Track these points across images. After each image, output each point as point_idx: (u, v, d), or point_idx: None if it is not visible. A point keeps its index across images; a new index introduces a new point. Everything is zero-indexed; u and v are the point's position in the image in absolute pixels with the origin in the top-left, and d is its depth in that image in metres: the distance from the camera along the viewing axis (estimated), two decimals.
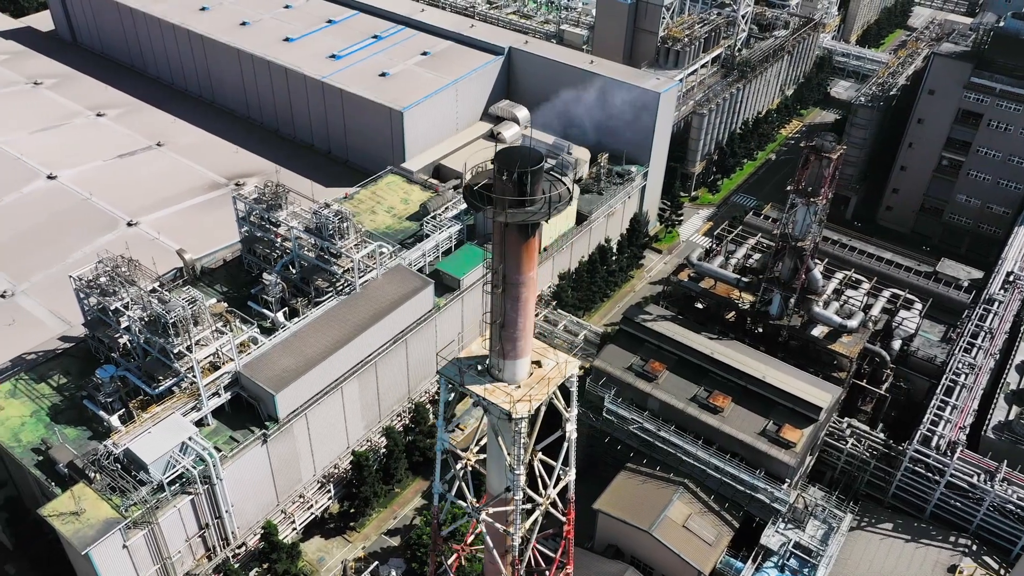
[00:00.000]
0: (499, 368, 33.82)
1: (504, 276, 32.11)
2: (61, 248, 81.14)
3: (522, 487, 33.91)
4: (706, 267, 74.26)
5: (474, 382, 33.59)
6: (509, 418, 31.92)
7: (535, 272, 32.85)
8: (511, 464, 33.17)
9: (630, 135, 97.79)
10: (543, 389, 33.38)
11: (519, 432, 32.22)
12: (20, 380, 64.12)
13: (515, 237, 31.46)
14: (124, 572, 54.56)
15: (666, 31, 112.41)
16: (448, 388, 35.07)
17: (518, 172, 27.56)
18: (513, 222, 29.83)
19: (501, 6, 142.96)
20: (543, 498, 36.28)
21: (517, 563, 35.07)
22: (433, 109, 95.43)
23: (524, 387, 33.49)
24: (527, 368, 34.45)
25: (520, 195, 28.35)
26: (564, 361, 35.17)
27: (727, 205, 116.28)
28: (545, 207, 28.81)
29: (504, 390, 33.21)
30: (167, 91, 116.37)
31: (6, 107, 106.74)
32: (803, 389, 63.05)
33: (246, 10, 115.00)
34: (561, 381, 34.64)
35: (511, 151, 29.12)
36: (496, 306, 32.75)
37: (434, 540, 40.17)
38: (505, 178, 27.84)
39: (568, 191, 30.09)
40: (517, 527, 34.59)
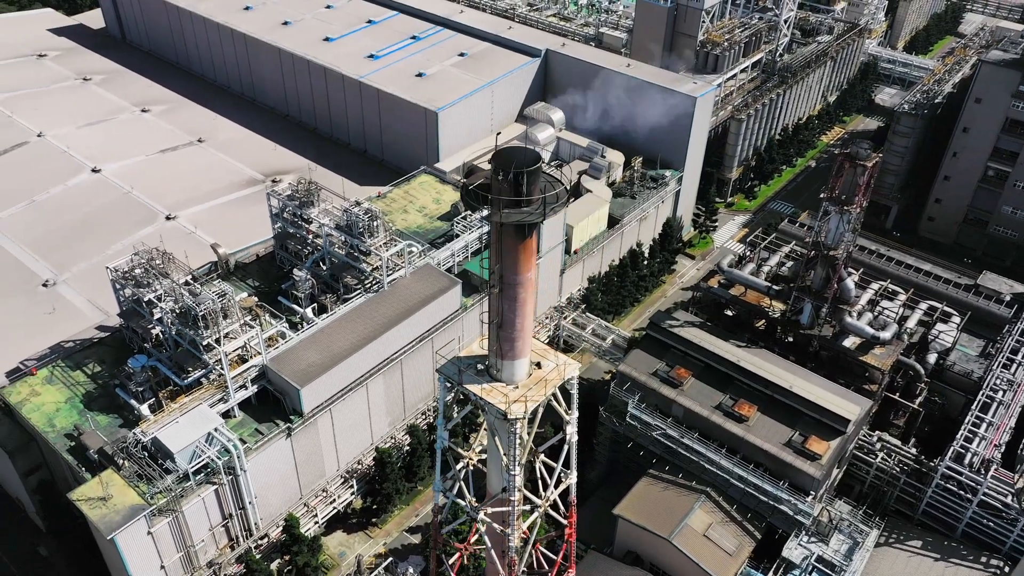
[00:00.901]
0: (497, 368, 33.81)
1: (501, 276, 32.12)
2: (102, 240, 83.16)
3: (519, 488, 33.85)
4: (736, 274, 73.37)
5: (472, 381, 33.63)
6: (505, 418, 31.87)
7: (533, 273, 32.76)
8: (507, 465, 33.12)
9: (665, 139, 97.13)
10: (541, 390, 33.27)
11: (515, 433, 32.15)
12: (57, 367, 65.84)
13: (512, 237, 31.45)
14: (148, 558, 55.66)
15: (705, 35, 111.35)
16: (447, 387, 35.15)
17: (514, 172, 27.55)
18: (508, 222, 29.82)
19: (541, 8, 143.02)
20: (543, 500, 36.13)
21: (514, 564, 35.01)
22: (468, 110, 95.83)
23: (522, 388, 33.44)
24: (526, 369, 34.37)
25: (516, 195, 28.35)
26: (563, 363, 35.03)
27: (764, 212, 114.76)
28: (541, 208, 28.72)
29: (501, 390, 33.20)
30: (210, 88, 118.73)
31: (56, 102, 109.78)
32: (831, 400, 61.93)
33: (288, 10, 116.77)
34: (560, 383, 34.53)
35: (508, 151, 29.13)
36: (494, 306, 32.75)
37: (434, 538, 40.30)
38: (501, 178, 27.86)
39: (565, 192, 29.98)
40: (513, 528, 34.55)
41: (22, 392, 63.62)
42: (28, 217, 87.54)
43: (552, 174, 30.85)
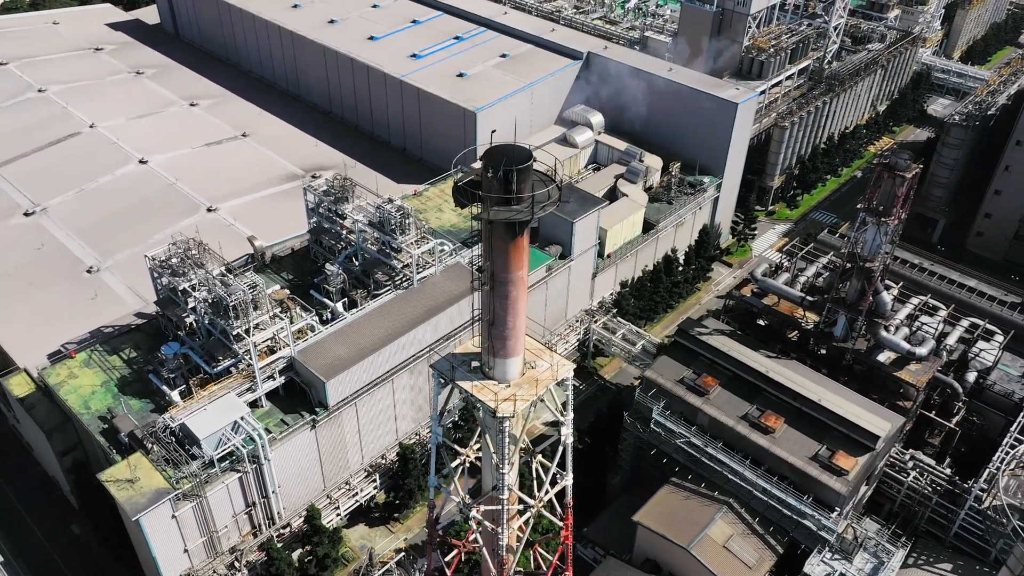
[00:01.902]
0: (490, 366, 33.80)
1: (492, 274, 32.12)
2: (145, 229, 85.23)
3: (509, 486, 33.77)
4: (770, 283, 72.24)
5: (465, 378, 33.65)
6: (494, 416, 31.84)
7: (524, 272, 32.69)
8: (497, 463, 33.06)
9: (705, 145, 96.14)
10: (532, 390, 33.17)
11: (504, 431, 32.07)
12: (95, 351, 67.76)
13: (502, 235, 31.42)
14: (172, 541, 56.92)
15: (751, 41, 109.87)
16: (440, 383, 35.26)
17: (503, 170, 27.50)
18: (497, 220, 29.78)
19: (588, 11, 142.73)
20: (536, 501, 35.98)
21: (506, 563, 34.92)
22: (507, 111, 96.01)
23: (514, 387, 33.36)
24: (518, 368, 34.27)
25: (505, 193, 28.28)
26: (557, 363, 34.85)
27: (805, 221, 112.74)
28: (530, 206, 28.59)
29: (492, 388, 33.18)
30: (257, 84, 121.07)
31: (109, 94, 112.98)
32: (861, 415, 60.53)
33: (335, 8, 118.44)
34: (552, 383, 34.38)
35: (500, 148, 29.09)
36: (486, 304, 32.77)
37: (430, 534, 40.43)
38: (490, 175, 27.84)
39: (557, 191, 29.81)
40: (504, 527, 34.46)
41: (61, 374, 65.60)
42: (77, 205, 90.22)
43: (546, 173, 30.72)
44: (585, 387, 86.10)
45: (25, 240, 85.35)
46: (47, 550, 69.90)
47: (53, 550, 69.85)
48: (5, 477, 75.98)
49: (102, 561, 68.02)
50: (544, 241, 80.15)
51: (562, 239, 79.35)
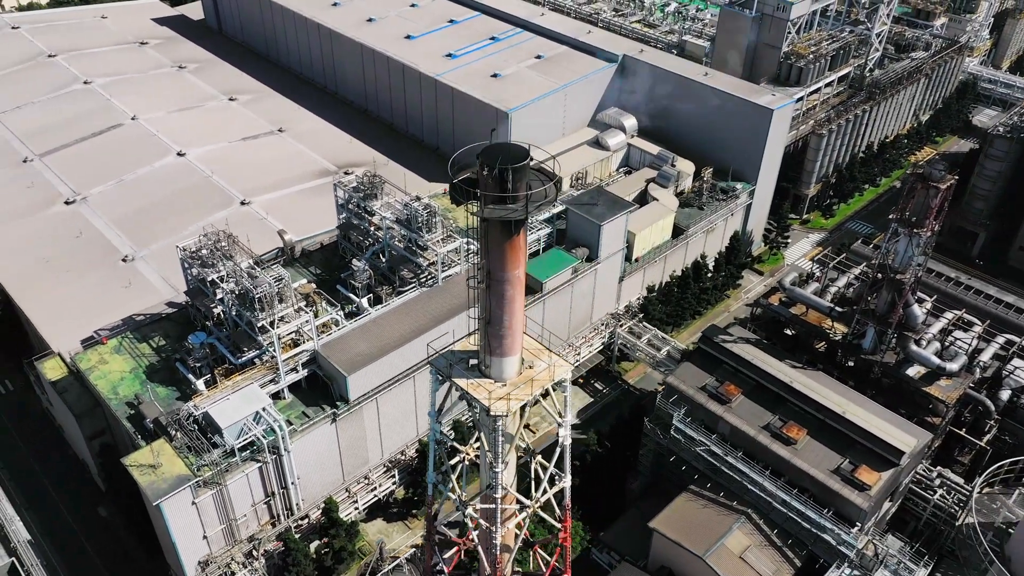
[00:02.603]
0: (486, 365, 33.77)
1: (489, 272, 32.11)
2: (180, 220, 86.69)
3: (503, 485, 33.69)
4: (798, 292, 71.21)
5: (462, 376, 33.66)
6: (488, 414, 31.80)
7: (521, 271, 32.60)
8: (491, 461, 33.02)
9: (739, 151, 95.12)
10: (527, 390, 33.04)
11: (497, 429, 32.01)
12: (126, 338, 69.24)
13: (498, 234, 31.37)
14: (191, 526, 57.88)
15: (790, 47, 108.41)
16: (438, 380, 35.32)
17: (499, 168, 27.42)
18: (492, 218, 29.72)
19: (626, 14, 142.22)
20: (533, 501, 35.85)
21: (500, 562, 34.87)
22: (540, 112, 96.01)
23: (509, 386, 33.28)
24: (515, 367, 34.17)
25: (501, 191, 28.21)
26: (555, 364, 34.67)
27: (840, 231, 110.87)
28: (524, 205, 28.45)
29: (487, 387, 33.13)
30: (295, 80, 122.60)
31: (152, 88, 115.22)
32: (886, 430, 59.36)
33: (374, 7, 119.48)
34: (549, 384, 34.22)
35: (497, 147, 29.04)
36: (482, 302, 32.76)
37: (428, 529, 40.50)
38: (486, 174, 27.79)
39: (554, 190, 29.64)
40: (497, 525, 34.40)
41: (92, 359, 67.14)
42: (116, 195, 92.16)
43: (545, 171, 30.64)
44: (608, 391, 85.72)
45: (65, 228, 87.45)
46: (74, 531, 71.56)
47: (80, 531, 71.49)
48: (37, 458, 77.95)
49: (126, 544, 69.42)
50: (571, 243, 79.98)
51: (589, 242, 79.06)
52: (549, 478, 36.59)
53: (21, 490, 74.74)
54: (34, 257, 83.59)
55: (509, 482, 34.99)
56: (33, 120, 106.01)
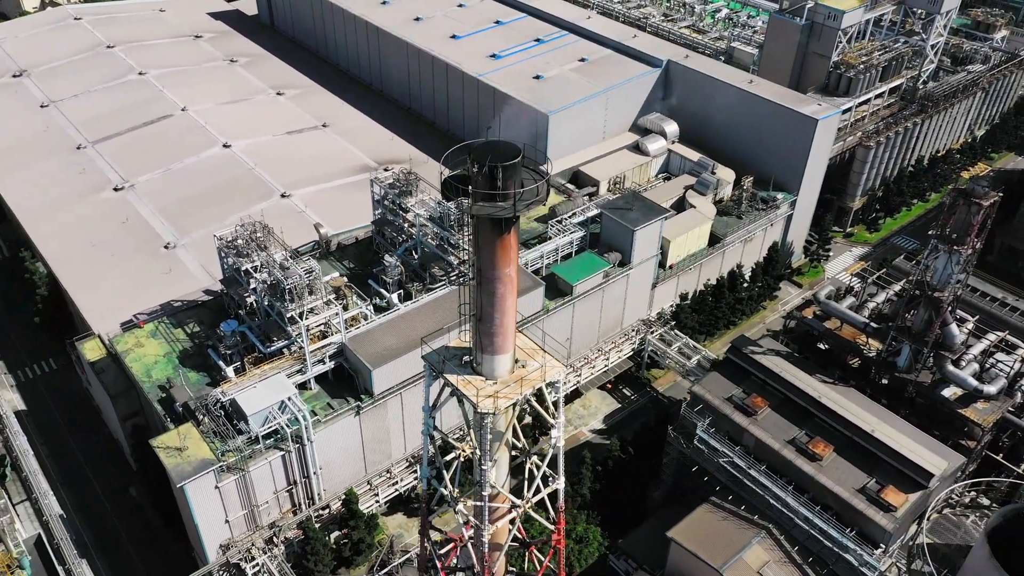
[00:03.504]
0: (478, 362, 33.71)
1: (480, 269, 32.12)
2: (222, 210, 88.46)
3: (491, 483, 33.60)
4: (833, 306, 69.85)
5: (454, 372, 33.68)
6: (475, 411, 31.78)
7: (512, 269, 32.47)
8: (479, 458, 32.96)
9: (781, 160, 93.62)
10: (517, 388, 32.92)
11: (485, 427, 31.93)
12: (162, 323, 70.96)
13: (489, 231, 31.35)
14: (214, 510, 59.05)
15: (840, 56, 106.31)
16: (432, 375, 35.38)
17: (488, 165, 27.37)
18: (481, 215, 29.68)
19: (676, 19, 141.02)
20: (524, 501, 35.70)
21: (488, 560, 34.78)
22: (580, 115, 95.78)
23: (500, 384, 33.16)
24: (507, 365, 34.04)
25: (491, 189, 28.13)
26: (548, 364, 34.48)
27: (885, 246, 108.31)
28: (513, 203, 28.32)
29: (477, 384, 33.05)
30: (342, 77, 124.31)
31: (203, 80, 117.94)
32: (916, 451, 57.83)
33: (421, 7, 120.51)
34: (540, 384, 34.06)
35: (489, 144, 28.99)
36: (474, 299, 32.79)
37: (423, 524, 40.60)
38: (476, 171, 27.76)
39: (544, 188, 29.42)
40: (485, 523, 34.30)
41: (128, 342, 68.97)
42: (162, 184, 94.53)
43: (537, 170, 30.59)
44: (636, 398, 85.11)
45: (112, 214, 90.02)
46: (105, 509, 73.60)
47: (111, 509, 73.51)
48: (74, 436, 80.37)
49: (154, 524, 71.12)
50: (605, 247, 79.58)
51: (623, 246, 78.58)
52: (542, 478, 36.48)
53: (58, 466, 77.17)
54: (82, 241, 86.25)
55: (501, 481, 34.98)
56: (89, 109, 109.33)
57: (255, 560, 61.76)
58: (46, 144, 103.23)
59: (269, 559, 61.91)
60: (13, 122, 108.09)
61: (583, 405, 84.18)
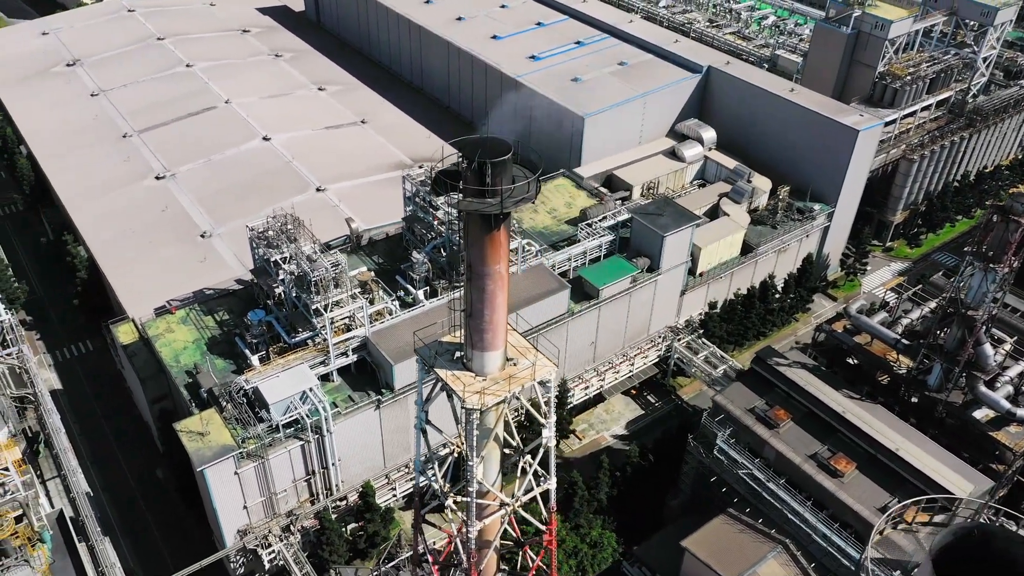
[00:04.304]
0: (468, 358, 33.64)
1: (470, 265, 32.13)
2: (257, 202, 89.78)
3: (477, 479, 33.52)
4: (863, 320, 68.49)
5: (444, 366, 33.67)
6: (463, 406, 31.74)
7: (502, 266, 32.39)
8: (465, 454, 32.93)
9: (820, 171, 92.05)
10: (505, 386, 32.82)
11: (471, 422, 31.86)
12: (192, 310, 72.34)
13: (478, 228, 31.35)
14: (232, 495, 60.03)
15: (887, 66, 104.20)
16: (424, 369, 35.45)
17: (477, 162, 27.32)
18: (467, 211, 29.65)
19: (721, 25, 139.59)
20: (513, 500, 35.55)
21: (474, 556, 34.70)
22: (616, 119, 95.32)
23: (489, 380, 33.06)
24: (497, 363, 33.91)
25: (480, 185, 28.06)
26: (539, 363, 34.30)
27: (925, 262, 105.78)
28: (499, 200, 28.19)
29: (465, 379, 33.01)
30: (383, 74, 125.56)
31: (247, 74, 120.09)
32: (942, 472, 56.44)
33: (464, 6, 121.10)
34: (529, 383, 33.90)
35: (480, 140, 28.92)
36: (465, 295, 32.86)
37: (416, 519, 40.70)
38: (465, 167, 27.72)
39: (534, 187, 29.25)
40: (471, 519, 34.23)
41: (160, 327, 70.46)
42: (202, 174, 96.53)
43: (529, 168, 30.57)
44: (660, 405, 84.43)
45: (153, 202, 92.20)
46: (132, 489, 75.34)
47: (137, 490, 75.22)
48: (106, 416, 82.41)
49: (177, 507, 72.51)
50: (634, 252, 79.06)
51: (652, 252, 77.99)
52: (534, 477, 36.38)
53: (89, 445, 79.23)
54: (122, 227, 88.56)
55: (492, 479, 34.95)
56: (136, 98, 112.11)
57: (271, 547, 62.65)
58: (94, 132, 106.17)
59: (285, 547, 62.73)
60: (64, 110, 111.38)
61: (606, 410, 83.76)
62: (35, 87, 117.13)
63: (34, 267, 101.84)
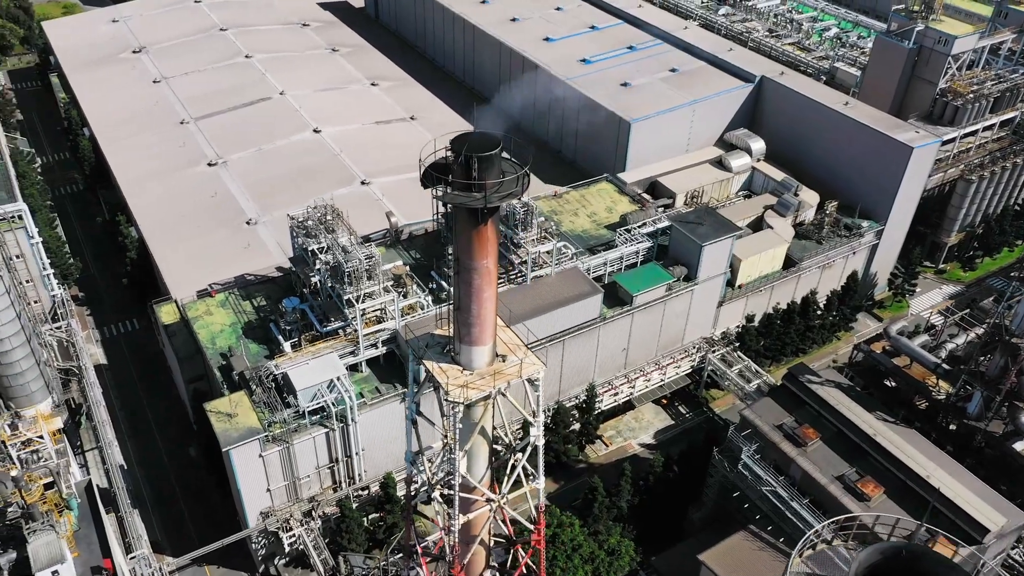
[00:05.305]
0: (456, 351, 33.58)
1: (458, 259, 32.14)
2: (303, 192, 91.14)
3: (461, 473, 33.41)
4: (903, 342, 66.67)
5: (433, 359, 33.65)
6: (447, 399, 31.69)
7: (489, 262, 32.33)
8: (450, 446, 32.87)
9: (871, 187, 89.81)
10: (490, 381, 32.72)
11: (454, 416, 31.77)
12: (232, 294, 74.06)
13: (464, 222, 31.32)
14: (256, 478, 61.29)
15: (948, 83, 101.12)
16: (415, 360, 35.49)
17: (464, 156, 27.25)
18: (453, 204, 29.62)
19: (781, 36, 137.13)
20: (499, 496, 35.37)
21: (456, 549, 34.62)
22: (664, 125, 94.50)
23: (475, 375, 32.93)
24: (485, 358, 33.76)
25: (467, 179, 27.93)
26: (525, 361, 34.10)
27: (979, 287, 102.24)
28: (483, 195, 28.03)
29: (451, 372, 32.92)
30: (436, 72, 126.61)
31: (303, 67, 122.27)
32: (974, 503, 54.49)
33: (519, 7, 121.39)
34: (515, 379, 33.73)
35: (471, 135, 28.82)
36: (454, 289, 33.00)
37: (407, 509, 40.78)
38: (452, 160, 27.66)
39: (523, 183, 29.01)
40: (456, 512, 34.15)
41: (199, 309, 72.31)
42: (252, 162, 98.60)
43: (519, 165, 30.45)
44: (691, 416, 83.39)
45: (204, 187, 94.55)
46: (164, 465, 77.43)
47: (169, 466, 77.28)
48: (147, 393, 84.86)
49: (206, 485, 74.21)
50: (671, 260, 78.28)
51: (689, 261, 77.10)
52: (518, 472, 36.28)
53: (128, 420, 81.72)
54: (172, 210, 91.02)
55: (478, 474, 34.90)
56: (196, 86, 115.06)
57: (292, 531, 63.73)
58: (154, 117, 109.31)
59: (305, 532, 63.78)
60: (127, 95, 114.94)
61: (635, 418, 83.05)
62: (102, 72, 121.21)
63: (89, 245, 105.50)
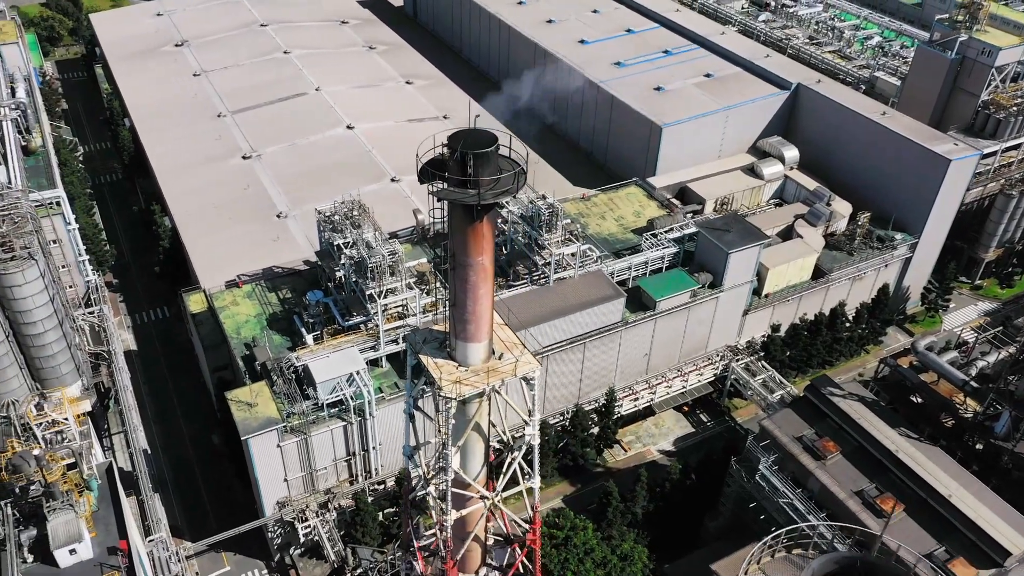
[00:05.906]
0: (452, 347, 33.57)
1: (454, 255, 32.17)
2: (333, 188, 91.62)
3: (454, 469, 33.38)
4: (931, 358, 65.38)
5: (429, 353, 33.68)
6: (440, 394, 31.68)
7: (485, 259, 32.31)
8: (443, 441, 32.86)
9: (906, 199, 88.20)
10: (484, 378, 32.68)
11: (448, 411, 31.76)
12: (258, 285, 75.09)
13: (460, 218, 31.30)
14: (274, 467, 62.06)
15: (991, 95, 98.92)
16: (412, 354, 35.54)
17: (459, 152, 27.21)
18: (447, 200, 29.62)
19: (822, 44, 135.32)
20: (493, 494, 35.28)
21: (449, 544, 34.60)
22: (696, 131, 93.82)
23: (470, 371, 32.88)
24: (480, 355, 33.69)
25: (462, 175, 27.90)
26: (521, 360, 34.00)
27: (1016, 304, 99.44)
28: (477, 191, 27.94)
29: (446, 368, 32.91)
30: (471, 71, 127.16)
31: (340, 63, 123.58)
32: (996, 525, 53.25)
33: (556, 9, 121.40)
34: (509, 377, 33.65)
35: (468, 132, 28.77)
36: (450, 285, 33.08)
37: (405, 504, 40.87)
38: (447, 156, 27.65)
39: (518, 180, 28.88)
40: (448, 508, 34.14)
41: (226, 299, 73.44)
42: (286, 156, 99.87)
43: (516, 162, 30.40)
44: (712, 424, 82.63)
45: (237, 180, 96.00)
46: (188, 451, 78.74)
47: (192, 452, 78.57)
48: (174, 380, 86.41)
49: (228, 473, 75.31)
50: (697, 267, 77.64)
51: (715, 268, 76.41)
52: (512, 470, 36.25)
53: (154, 405, 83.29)
54: (205, 201, 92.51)
55: (474, 471, 34.90)
56: (234, 80, 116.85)
57: (308, 522, 64.41)
58: (192, 109, 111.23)
59: (321, 523, 64.43)
60: (168, 87, 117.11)
61: (656, 424, 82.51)
62: (144, 64, 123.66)
63: (125, 233, 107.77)
